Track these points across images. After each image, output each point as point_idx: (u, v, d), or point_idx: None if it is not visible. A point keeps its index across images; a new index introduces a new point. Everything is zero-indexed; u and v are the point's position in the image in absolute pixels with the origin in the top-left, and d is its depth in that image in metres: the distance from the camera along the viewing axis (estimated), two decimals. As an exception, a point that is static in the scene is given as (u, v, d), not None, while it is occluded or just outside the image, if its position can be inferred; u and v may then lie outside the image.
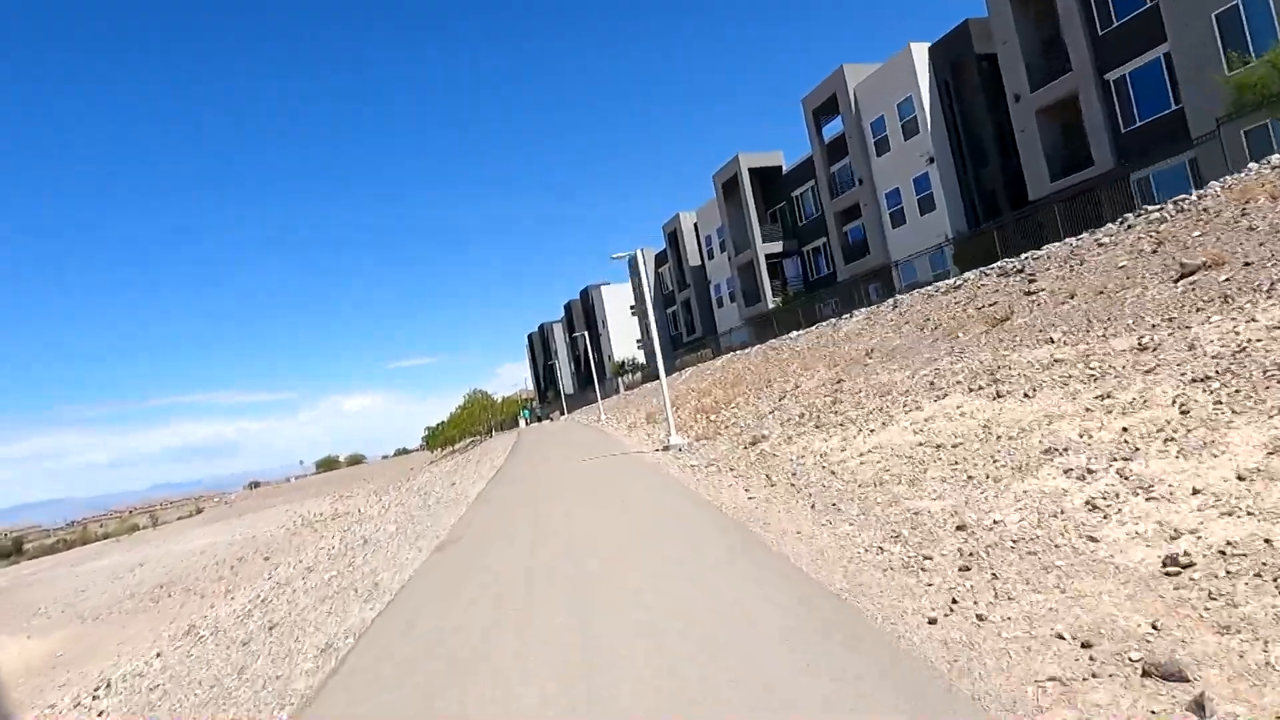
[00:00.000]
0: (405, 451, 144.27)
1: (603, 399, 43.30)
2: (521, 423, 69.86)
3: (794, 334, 24.69)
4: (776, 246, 41.93)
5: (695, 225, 51.08)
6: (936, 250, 28.87)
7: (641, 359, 64.71)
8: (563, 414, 65.09)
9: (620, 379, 58.52)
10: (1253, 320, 7.42)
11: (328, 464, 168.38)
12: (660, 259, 57.61)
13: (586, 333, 45.54)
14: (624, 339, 69.35)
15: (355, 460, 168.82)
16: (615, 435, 25.57)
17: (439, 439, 59.60)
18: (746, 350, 30.37)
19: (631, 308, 67.78)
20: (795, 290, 41.34)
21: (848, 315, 22.45)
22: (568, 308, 79.69)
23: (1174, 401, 6.45)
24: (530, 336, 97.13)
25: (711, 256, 48.49)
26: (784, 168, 42.15)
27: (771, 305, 41.17)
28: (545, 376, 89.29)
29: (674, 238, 53.40)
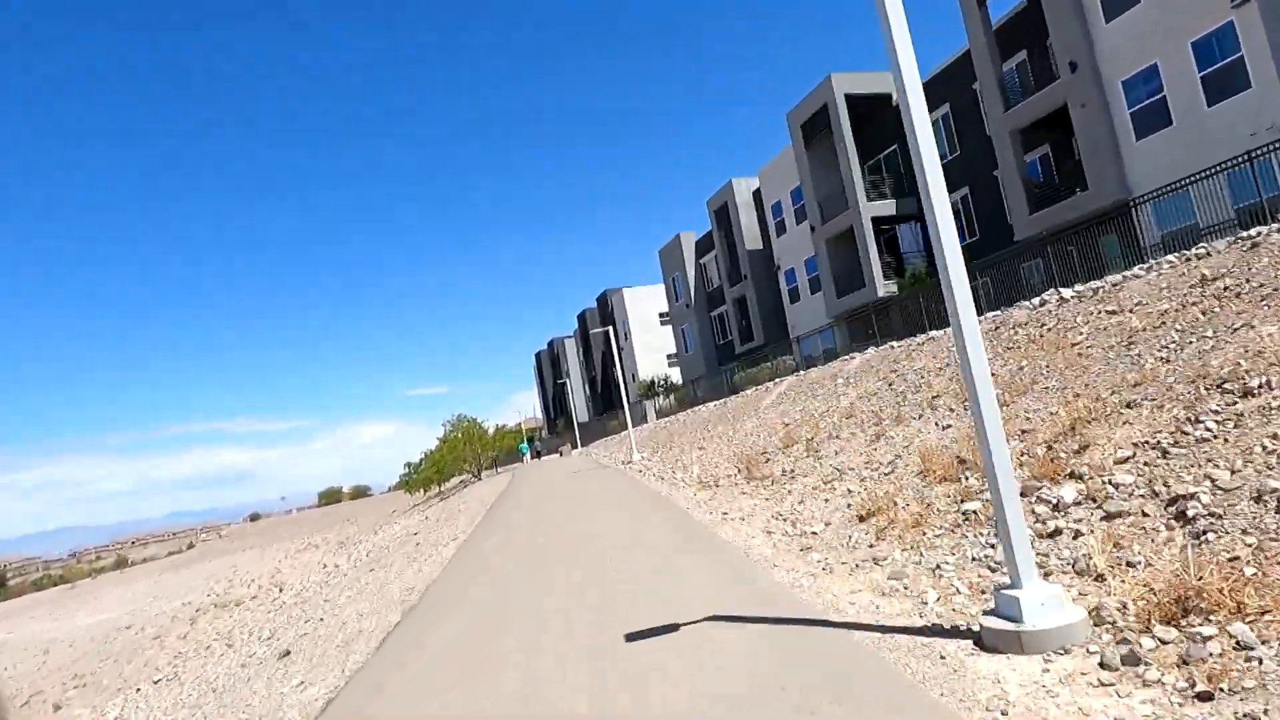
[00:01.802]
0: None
1: (630, 427, 30.11)
2: (526, 457, 56.83)
3: (1070, 291, 11.27)
4: (887, 208, 28.94)
5: (756, 194, 38.08)
6: (1248, 160, 15.35)
7: (675, 378, 51.43)
8: (575, 447, 51.72)
9: (649, 403, 45.28)
10: None
11: (330, 496, 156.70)
12: (703, 246, 44.47)
13: (610, 329, 32.39)
14: (651, 355, 56.21)
15: (359, 493, 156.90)
16: (684, 507, 12.38)
17: (416, 481, 46.49)
18: (906, 343, 17.04)
19: (662, 315, 54.67)
20: (912, 269, 28.16)
21: (1231, 240, 9.13)
22: (581, 318, 66.50)
23: None
24: (538, 355, 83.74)
25: (781, 231, 35.33)
26: (894, 96, 29.22)
27: (882, 292, 28.01)
28: (555, 402, 76.02)
29: (723, 215, 40.38)
